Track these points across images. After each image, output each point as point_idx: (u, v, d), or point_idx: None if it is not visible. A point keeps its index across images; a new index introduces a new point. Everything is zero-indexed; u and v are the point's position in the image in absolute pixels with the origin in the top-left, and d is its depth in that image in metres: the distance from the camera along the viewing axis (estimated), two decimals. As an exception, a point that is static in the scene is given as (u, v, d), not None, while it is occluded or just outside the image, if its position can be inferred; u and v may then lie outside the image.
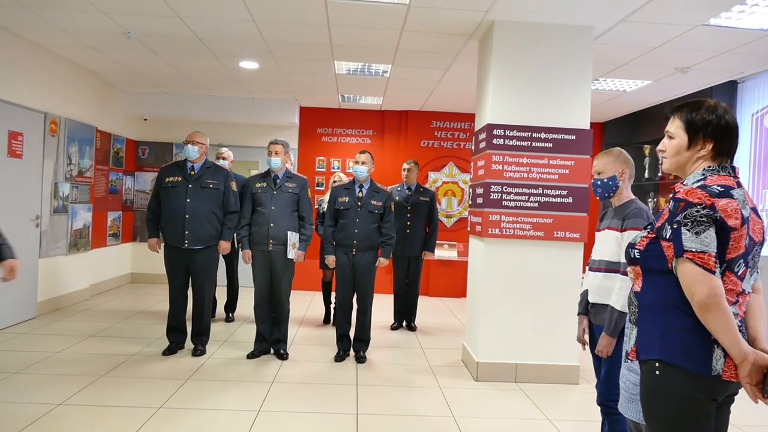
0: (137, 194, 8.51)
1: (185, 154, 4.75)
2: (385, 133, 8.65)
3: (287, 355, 4.80)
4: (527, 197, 4.52)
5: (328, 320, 6.22)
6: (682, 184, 1.83)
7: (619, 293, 2.64)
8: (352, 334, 4.98)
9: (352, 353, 4.98)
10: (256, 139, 8.43)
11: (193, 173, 4.72)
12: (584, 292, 2.94)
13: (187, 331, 4.86)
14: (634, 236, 1.94)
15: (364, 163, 4.85)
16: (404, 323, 6.29)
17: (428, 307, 7.46)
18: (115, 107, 7.76)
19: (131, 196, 8.43)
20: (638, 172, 8.16)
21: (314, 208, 6.00)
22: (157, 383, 4.00)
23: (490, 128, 4.48)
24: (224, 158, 5.80)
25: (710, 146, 1.81)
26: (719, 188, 1.71)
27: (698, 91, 6.44)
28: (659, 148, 1.93)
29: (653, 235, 1.79)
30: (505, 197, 4.49)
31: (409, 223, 6.08)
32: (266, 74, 6.60)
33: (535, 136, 4.50)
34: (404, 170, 6.18)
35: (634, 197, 2.81)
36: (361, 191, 4.89)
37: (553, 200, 4.53)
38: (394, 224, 5.07)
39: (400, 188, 6.21)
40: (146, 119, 8.49)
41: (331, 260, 4.88)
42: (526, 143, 4.50)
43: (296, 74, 6.57)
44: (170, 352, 4.71)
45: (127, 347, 4.87)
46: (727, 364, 1.67)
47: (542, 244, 4.53)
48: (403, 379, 4.46)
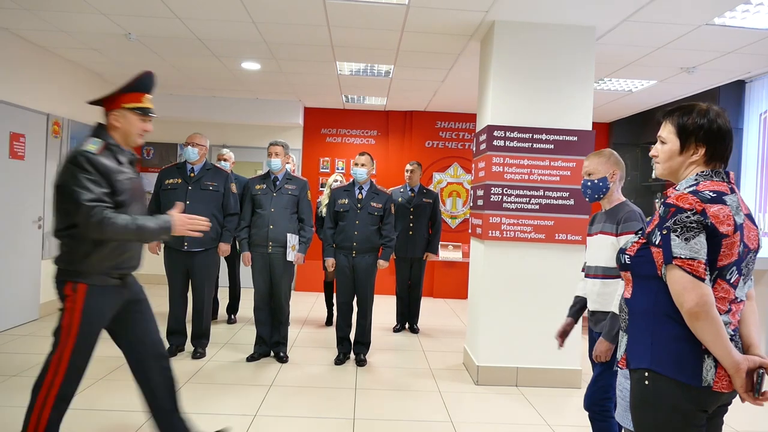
0: (142, 195, 8.53)
1: (185, 155, 4.74)
2: (389, 133, 8.61)
3: (287, 357, 4.78)
4: (528, 199, 4.47)
5: (330, 322, 6.19)
6: (674, 189, 1.79)
7: (619, 299, 2.60)
8: (352, 336, 4.96)
9: (352, 356, 4.95)
10: (260, 140, 8.43)
11: (192, 175, 4.71)
12: (577, 297, 2.89)
13: (187, 333, 4.85)
14: (625, 241, 1.89)
15: (363, 165, 4.82)
16: (407, 325, 6.26)
17: (432, 308, 7.42)
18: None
19: (136, 196, 8.45)
20: (646, 172, 8.08)
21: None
22: (154, 386, 3.99)
23: (490, 129, 4.43)
24: (225, 159, 5.79)
25: (702, 151, 1.76)
26: (711, 194, 1.66)
27: (705, 90, 6.35)
28: (652, 153, 1.89)
29: (644, 240, 1.75)
30: (505, 199, 4.45)
31: (411, 224, 6.04)
32: (268, 75, 6.58)
33: (536, 137, 4.45)
34: (407, 171, 6.14)
35: (624, 199, 2.76)
36: (360, 193, 4.86)
37: (554, 202, 4.48)
38: (394, 226, 5.04)
39: (402, 189, 6.17)
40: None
41: (330, 263, 4.86)
42: (526, 144, 4.44)
43: (299, 75, 6.55)
44: (170, 354, 4.70)
45: (127, 349, 4.86)
46: (718, 374, 1.63)
47: (543, 246, 4.48)
48: (402, 382, 4.42)
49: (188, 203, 4.60)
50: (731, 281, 1.68)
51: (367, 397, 4.03)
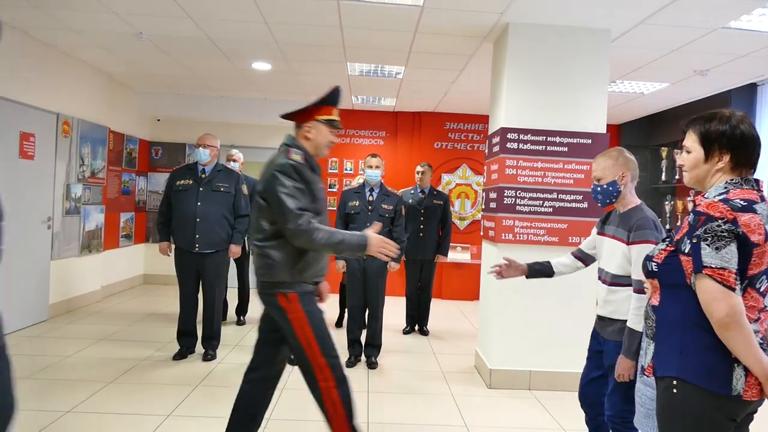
0: (150, 195, 8.53)
1: (196, 157, 4.72)
2: (398, 134, 8.59)
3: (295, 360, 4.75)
4: (541, 202, 4.44)
5: (340, 323, 6.17)
6: (703, 196, 1.76)
7: (636, 313, 2.52)
8: (363, 339, 4.93)
9: (363, 358, 4.93)
10: (268, 140, 8.41)
11: (204, 176, 4.70)
12: (547, 263, 2.93)
13: (197, 335, 4.84)
14: (651, 248, 1.86)
15: (377, 167, 4.80)
16: (416, 327, 6.24)
17: (441, 310, 7.39)
18: (127, 108, 7.78)
19: (144, 196, 8.45)
20: (655, 174, 8.04)
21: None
22: (166, 390, 3.98)
23: (504, 132, 4.41)
24: (235, 160, 5.77)
25: (727, 158, 1.74)
26: (742, 202, 1.64)
27: (717, 93, 6.32)
28: (678, 163, 1.87)
29: (672, 248, 1.73)
30: (518, 202, 4.42)
31: (422, 226, 6.02)
32: (279, 75, 6.56)
33: (549, 140, 4.42)
34: (418, 173, 6.12)
35: (640, 202, 2.65)
36: (371, 195, 4.85)
37: (567, 205, 4.45)
38: (405, 228, 5.02)
39: (413, 191, 6.15)
40: (159, 120, 8.50)
41: (341, 265, 4.83)
42: (540, 147, 4.42)
43: (309, 75, 6.52)
44: (181, 356, 4.68)
45: (137, 351, 4.85)
46: (748, 383, 1.61)
47: (556, 249, 4.44)
48: (414, 385, 4.40)
49: (199, 205, 4.59)
50: (761, 290, 1.66)
51: (379, 400, 4.01)
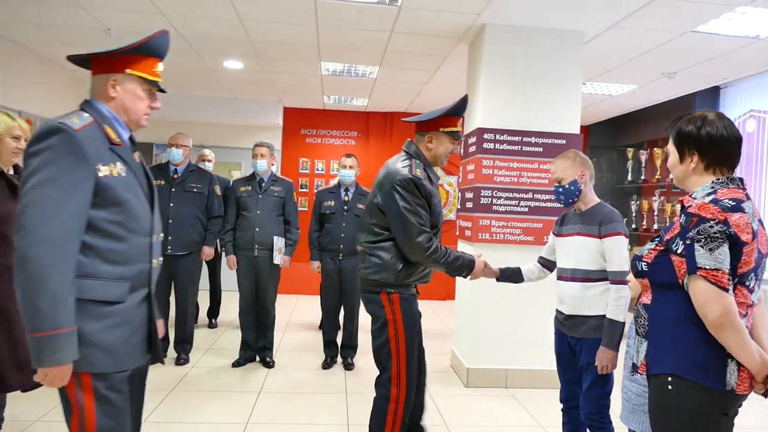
0: (115, 195, 8.29)
1: (168, 157, 4.61)
2: (370, 134, 8.57)
3: (273, 363, 4.70)
4: (517, 202, 4.49)
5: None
6: (690, 197, 1.79)
7: (617, 304, 2.57)
8: (339, 340, 4.90)
9: (339, 359, 4.90)
10: (238, 139, 8.28)
11: (176, 177, 4.59)
12: (518, 268, 3.02)
13: (169, 339, 4.72)
14: (640, 249, 1.89)
15: (351, 167, 4.78)
16: (390, 328, 6.21)
17: (413, 310, 7.38)
18: (92, 106, 7.54)
19: (109, 197, 8.21)
20: (621, 174, 8.21)
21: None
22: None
23: (480, 132, 4.43)
24: (209, 160, 5.66)
25: (696, 158, 1.78)
26: (731, 202, 1.67)
27: (682, 96, 6.49)
28: (668, 164, 1.90)
29: (662, 247, 1.75)
30: (495, 202, 4.45)
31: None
32: (250, 74, 6.47)
33: (525, 140, 4.47)
34: (391, 173, 6.10)
35: (599, 200, 2.74)
36: (347, 195, 4.82)
37: (543, 205, 4.51)
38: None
39: (386, 191, 6.13)
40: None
41: (316, 266, 4.79)
42: (516, 147, 4.46)
43: (281, 74, 6.45)
44: (152, 361, 4.56)
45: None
46: (740, 377, 1.65)
47: (532, 249, 4.48)
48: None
49: (172, 205, 4.49)
50: (750, 287, 1.70)
51: (358, 401, 3.98)
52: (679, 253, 1.68)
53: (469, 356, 4.50)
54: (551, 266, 2.96)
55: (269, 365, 4.66)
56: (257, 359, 4.75)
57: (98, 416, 1.69)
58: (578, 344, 2.70)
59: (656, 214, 7.26)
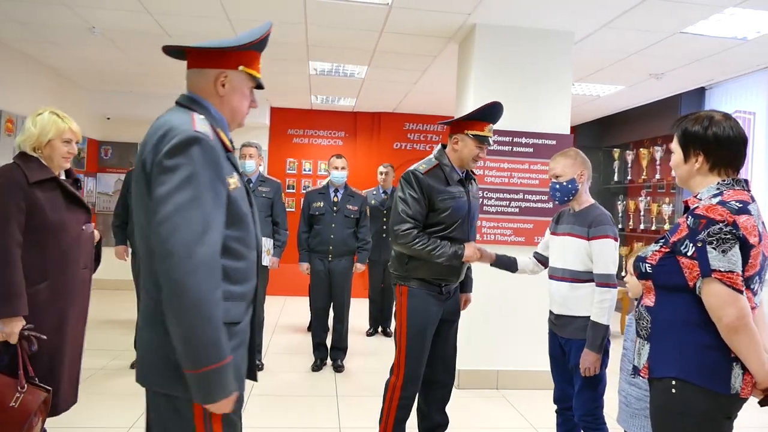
0: (99, 196, 8.17)
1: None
2: (357, 134, 8.53)
3: (262, 365, 4.65)
4: (508, 202, 4.48)
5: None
6: (695, 197, 1.77)
7: (601, 306, 2.55)
8: (328, 342, 4.86)
9: (329, 362, 4.85)
10: (224, 139, 8.18)
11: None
12: (513, 258, 3.00)
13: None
14: (644, 250, 1.87)
15: (343, 168, 4.75)
16: (380, 328, 6.20)
17: (402, 311, 7.36)
18: (76, 106, 7.41)
19: (93, 198, 8.08)
20: (607, 175, 8.26)
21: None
22: (126, 400, 3.78)
23: (471, 133, 4.41)
24: None
25: (701, 159, 1.75)
26: (738, 204, 1.65)
27: (668, 97, 6.55)
28: (671, 164, 1.88)
29: (667, 249, 1.72)
30: (486, 202, 4.44)
31: (384, 227, 5.97)
32: (237, 74, 6.40)
33: (516, 141, 4.46)
34: (381, 174, 6.08)
35: (594, 201, 2.73)
36: (336, 196, 4.78)
37: (533, 205, 4.51)
38: (369, 228, 4.99)
39: (375, 192, 6.10)
40: (109, 118, 8.16)
41: (305, 267, 4.75)
42: (507, 148, 4.45)
43: (268, 74, 6.37)
44: (132, 368, 4.48)
45: (92, 360, 4.61)
46: (744, 381, 1.63)
47: (523, 249, 4.48)
48: (382, 388, 4.33)
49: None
50: (754, 290, 1.68)
51: (350, 404, 3.95)
52: (689, 255, 1.64)
53: (459, 357, 4.43)
54: (546, 262, 2.95)
55: (258, 368, 4.59)
56: (246, 362, 4.69)
57: None
58: (567, 345, 2.70)
59: (642, 214, 7.31)
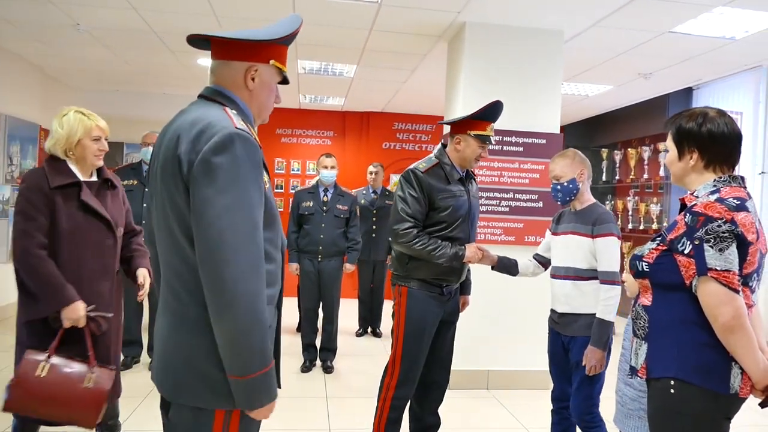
0: (84, 196, 8.06)
1: (142, 156, 4.48)
2: (346, 134, 8.49)
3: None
4: (498, 201, 4.47)
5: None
6: (692, 195, 1.75)
7: (606, 303, 2.56)
8: (318, 343, 4.81)
9: (318, 363, 4.81)
10: (212, 139, 8.11)
11: (148, 176, 4.45)
12: (514, 260, 2.98)
13: (143, 343, 4.58)
14: (640, 248, 1.85)
15: (333, 167, 4.71)
16: (369, 329, 6.16)
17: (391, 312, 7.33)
18: (61, 105, 7.16)
19: (78, 198, 7.97)
20: (595, 175, 8.28)
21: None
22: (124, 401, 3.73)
23: (461, 132, 4.40)
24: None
25: (696, 156, 1.73)
26: (736, 201, 1.63)
27: (656, 97, 6.57)
28: (665, 161, 1.87)
29: (664, 247, 1.70)
30: (476, 202, 4.42)
31: (374, 227, 5.95)
32: (225, 72, 6.33)
33: (506, 140, 4.45)
34: (371, 173, 6.05)
35: (595, 200, 2.75)
36: (326, 195, 4.74)
37: (523, 204, 4.49)
38: (359, 228, 4.96)
39: (365, 191, 6.07)
40: (94, 117, 8.05)
41: (294, 268, 4.71)
42: (497, 147, 4.43)
43: (257, 73, 6.33)
44: (125, 366, 4.42)
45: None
46: (743, 381, 1.62)
47: (513, 248, 4.47)
48: (373, 389, 4.22)
49: (145, 206, 4.35)
50: (752, 288, 1.67)
51: (339, 406, 3.91)
52: (686, 253, 1.63)
53: (450, 357, 4.45)
54: (546, 263, 2.95)
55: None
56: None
57: None
58: (571, 342, 2.68)
59: (630, 214, 7.34)
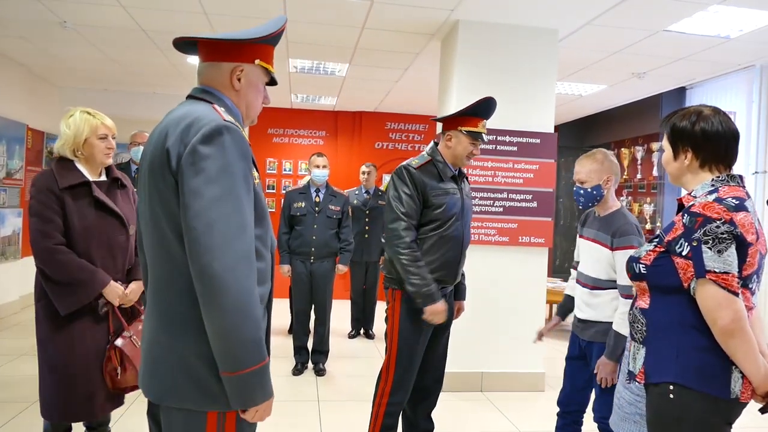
0: (73, 197, 7.95)
1: (133, 155, 4.40)
2: (338, 134, 8.43)
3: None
4: (492, 202, 4.42)
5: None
6: (690, 195, 1.71)
7: (623, 318, 2.47)
8: (309, 345, 4.75)
9: (310, 365, 4.75)
10: (203, 139, 8.02)
11: (138, 176, 4.36)
12: (567, 296, 2.82)
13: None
14: (637, 250, 1.80)
15: (324, 166, 4.65)
16: (362, 330, 6.10)
17: (384, 313, 7.27)
18: (48, 104, 7.21)
19: (66, 199, 7.86)
20: (589, 175, 8.28)
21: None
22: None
23: (454, 131, 4.35)
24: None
25: (690, 155, 1.69)
26: (735, 201, 1.59)
27: (649, 96, 6.56)
28: (662, 161, 1.82)
29: (662, 249, 1.65)
30: (469, 202, 4.37)
31: (367, 227, 5.89)
32: (215, 71, 6.25)
33: (500, 139, 4.40)
34: (363, 173, 5.99)
35: (620, 206, 2.64)
36: (318, 195, 4.68)
37: (518, 205, 4.45)
38: (352, 229, 4.90)
39: (357, 192, 6.01)
40: (83, 117, 7.95)
41: (285, 269, 4.64)
42: (490, 146, 4.39)
43: (247, 72, 6.26)
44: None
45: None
46: (744, 385, 1.57)
47: (507, 249, 4.44)
48: (365, 392, 4.23)
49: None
50: (752, 289, 1.63)
51: (331, 409, 3.85)
52: (684, 255, 1.58)
53: (444, 359, 4.40)
54: None
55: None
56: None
57: None
58: (588, 348, 2.62)
59: (624, 213, 7.31)
